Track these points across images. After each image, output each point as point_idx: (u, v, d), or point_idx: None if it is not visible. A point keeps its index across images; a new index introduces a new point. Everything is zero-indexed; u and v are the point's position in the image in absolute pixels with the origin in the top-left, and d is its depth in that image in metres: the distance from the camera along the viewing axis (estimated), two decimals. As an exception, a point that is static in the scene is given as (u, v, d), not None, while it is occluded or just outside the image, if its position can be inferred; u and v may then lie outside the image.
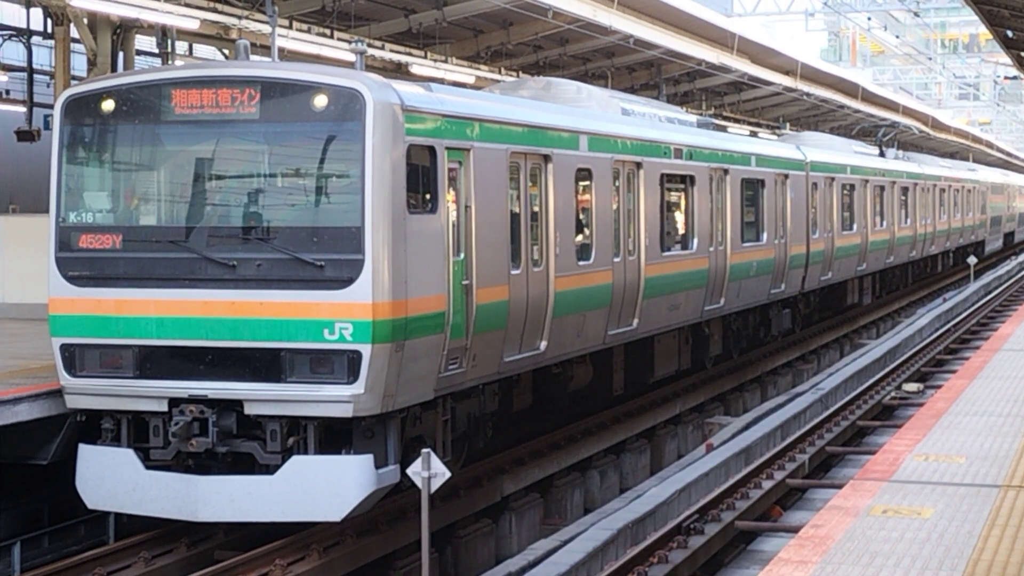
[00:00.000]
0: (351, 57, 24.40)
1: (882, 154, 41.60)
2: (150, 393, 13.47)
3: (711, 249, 22.89)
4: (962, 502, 10.49)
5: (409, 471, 11.74)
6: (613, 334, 18.98)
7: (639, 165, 19.83)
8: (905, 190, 40.24)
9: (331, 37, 24.60)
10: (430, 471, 11.56)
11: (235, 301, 13.28)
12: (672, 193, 21.85)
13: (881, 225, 36.79)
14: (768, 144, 30.04)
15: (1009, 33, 26.78)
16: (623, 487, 19.98)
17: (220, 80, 13.76)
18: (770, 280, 26.45)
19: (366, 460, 13.12)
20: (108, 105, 13.91)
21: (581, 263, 17.71)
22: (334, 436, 13.37)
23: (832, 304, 34.71)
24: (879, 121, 53.02)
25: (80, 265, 13.80)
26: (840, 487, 12.34)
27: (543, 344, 16.56)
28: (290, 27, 23.64)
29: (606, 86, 34.55)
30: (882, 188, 36.94)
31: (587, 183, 18.17)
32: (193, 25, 22.25)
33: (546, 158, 16.71)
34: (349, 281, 13.00)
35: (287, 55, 23.24)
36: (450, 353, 14.15)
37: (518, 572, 13.14)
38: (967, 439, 13.09)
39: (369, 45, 25.67)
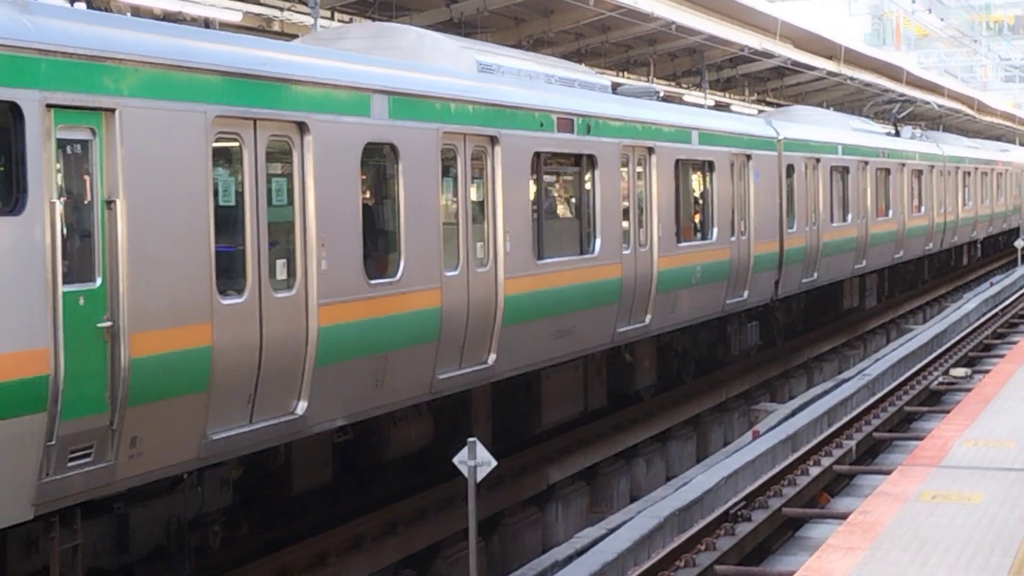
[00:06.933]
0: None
1: (897, 133, 38.13)
2: None
3: (626, 252, 17.79)
4: (1012, 487, 10.43)
5: (455, 460, 11.76)
6: (448, 379, 13.75)
7: (493, 140, 14.62)
8: (919, 173, 35.68)
9: (373, 28, 24.63)
10: (476, 460, 11.58)
11: None
12: (557, 180, 17.15)
13: (886, 214, 32.00)
14: (719, 117, 23.98)
15: (1055, 14, 26.50)
16: (669, 475, 19.97)
17: None
18: (725, 288, 21.51)
19: None
20: None
21: (374, 282, 12.48)
22: None
23: (826, 309, 30.19)
24: (921, 103, 51.93)
25: None
26: (888, 473, 12.30)
27: (299, 404, 11.50)
28: (332, 18, 23.71)
29: (648, 73, 34.55)
30: (887, 171, 32.20)
31: (388, 166, 13.14)
32: (236, 18, 22.34)
33: (301, 127, 11.55)
34: None
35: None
36: (66, 442, 9.17)
37: (565, 560, 13.15)
38: (1017, 424, 13.01)
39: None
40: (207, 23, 13.33)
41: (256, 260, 10.93)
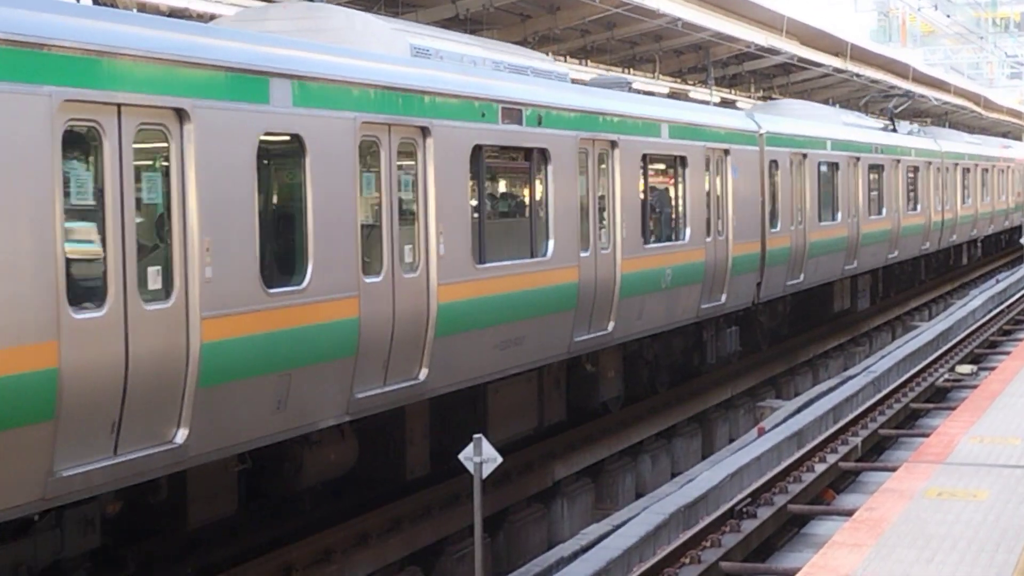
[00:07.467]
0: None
1: (894, 128, 36.74)
2: None
3: (584, 255, 16.41)
4: (1018, 484, 10.42)
5: (461, 456, 11.76)
6: (368, 397, 12.31)
7: (424, 131, 13.15)
8: (915, 170, 34.35)
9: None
10: (482, 456, 11.58)
11: None
12: (503, 175, 15.93)
13: (879, 213, 30.71)
14: (692, 109, 22.36)
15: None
16: (675, 471, 19.97)
17: None
18: (700, 291, 20.14)
19: None
20: None
21: (274, 291, 10.98)
22: None
23: (814, 312, 28.64)
24: (919, 97, 51.33)
25: None
26: (894, 470, 12.29)
27: (179, 432, 10.06)
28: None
29: (654, 70, 34.55)
30: (880, 167, 30.94)
31: (293, 159, 11.59)
32: (241, 14, 22.34)
33: (180, 114, 10.06)
34: None
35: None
36: None
37: (570, 557, 13.15)
38: (1023, 421, 12.99)
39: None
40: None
41: (120, 268, 9.38)
